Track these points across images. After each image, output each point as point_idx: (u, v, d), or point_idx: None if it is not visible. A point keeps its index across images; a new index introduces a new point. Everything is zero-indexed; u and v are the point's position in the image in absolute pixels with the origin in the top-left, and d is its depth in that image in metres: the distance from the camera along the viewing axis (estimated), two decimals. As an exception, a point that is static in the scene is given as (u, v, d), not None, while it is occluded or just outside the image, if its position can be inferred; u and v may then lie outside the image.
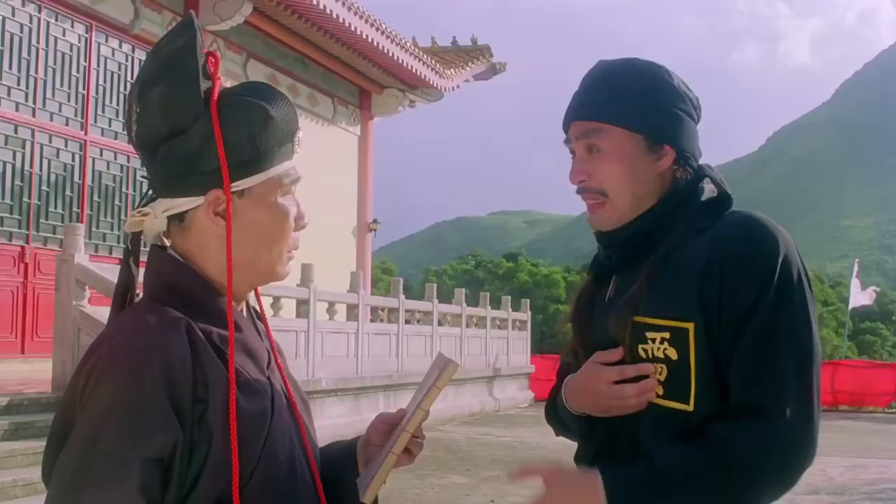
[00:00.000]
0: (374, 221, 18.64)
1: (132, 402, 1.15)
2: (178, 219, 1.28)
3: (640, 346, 1.47)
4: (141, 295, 1.32)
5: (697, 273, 1.43)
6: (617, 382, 1.49)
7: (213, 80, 1.27)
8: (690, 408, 1.42)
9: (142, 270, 1.34)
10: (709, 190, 1.54)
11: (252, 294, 1.39)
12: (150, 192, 1.31)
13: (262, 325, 1.40)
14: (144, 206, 1.30)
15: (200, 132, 1.24)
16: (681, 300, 1.43)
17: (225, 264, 1.26)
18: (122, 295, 1.32)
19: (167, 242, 1.32)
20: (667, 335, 1.44)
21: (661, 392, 1.45)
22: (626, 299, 1.49)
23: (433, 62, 17.42)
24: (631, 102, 1.51)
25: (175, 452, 1.17)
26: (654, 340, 1.45)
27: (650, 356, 1.46)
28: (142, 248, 1.35)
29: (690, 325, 1.41)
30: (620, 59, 1.60)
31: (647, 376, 1.46)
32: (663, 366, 1.45)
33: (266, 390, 1.29)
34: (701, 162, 1.60)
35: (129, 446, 1.14)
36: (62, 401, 1.23)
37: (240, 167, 1.25)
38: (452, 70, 18.37)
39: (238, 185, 1.26)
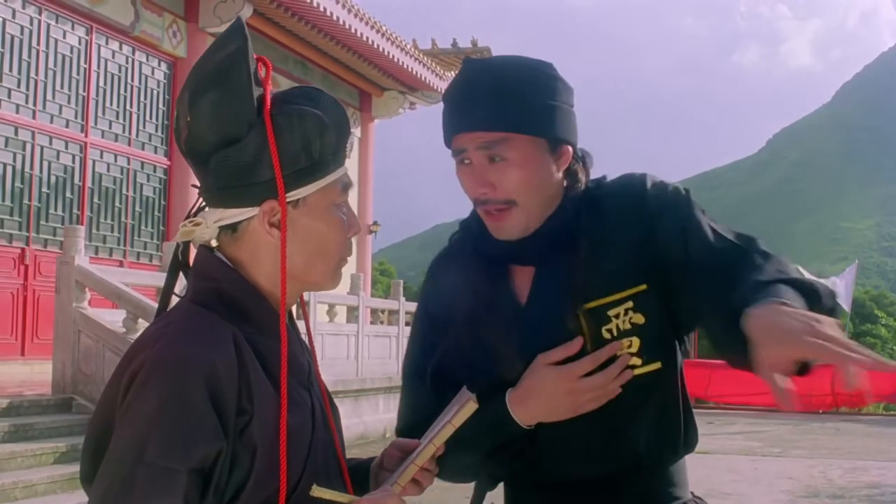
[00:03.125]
0: (374, 223, 18.65)
1: (178, 411, 1.12)
2: (230, 229, 1.25)
3: (604, 328, 1.46)
4: (183, 295, 1.29)
5: (617, 240, 1.48)
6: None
7: (264, 88, 1.24)
8: (660, 365, 1.47)
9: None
10: (580, 169, 1.57)
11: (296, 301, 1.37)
12: (201, 201, 1.28)
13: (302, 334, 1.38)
14: (195, 215, 1.28)
15: (254, 142, 1.21)
16: (624, 269, 1.47)
17: (277, 275, 1.23)
18: (167, 303, 1.31)
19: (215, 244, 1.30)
20: (630, 304, 1.46)
21: (639, 363, 1.46)
22: (572, 292, 1.46)
23: (433, 64, 17.44)
24: (533, 108, 1.46)
25: (217, 463, 1.15)
26: (617, 316, 1.46)
27: (617, 333, 1.46)
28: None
29: (645, 286, 1.46)
30: (511, 61, 1.51)
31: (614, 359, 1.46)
32: (633, 337, 1.46)
33: (307, 403, 1.28)
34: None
35: (175, 458, 1.11)
36: (100, 403, 1.21)
37: (294, 177, 1.22)
38: (453, 72, 18.37)
39: (293, 195, 1.23)
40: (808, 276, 1.56)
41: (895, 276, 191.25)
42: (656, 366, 1.47)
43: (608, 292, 1.46)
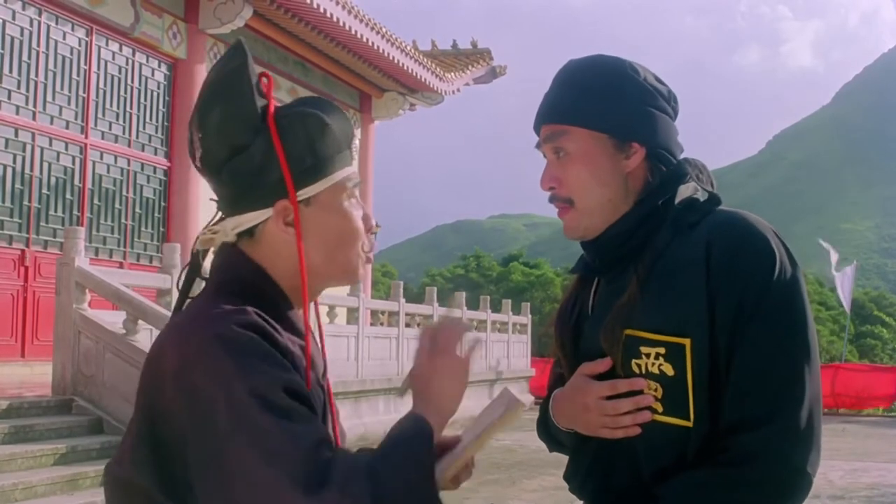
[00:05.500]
0: (375, 224, 18.63)
1: (246, 356, 1.13)
2: (248, 233, 1.29)
3: (634, 361, 1.40)
4: (200, 292, 1.31)
5: (691, 282, 1.37)
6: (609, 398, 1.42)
7: (267, 98, 1.30)
8: (690, 423, 1.37)
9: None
10: (692, 187, 1.48)
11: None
12: (219, 212, 1.33)
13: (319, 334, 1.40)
14: (215, 224, 1.32)
15: (261, 146, 1.26)
16: (676, 313, 1.37)
17: (297, 272, 1.27)
18: (182, 304, 1.33)
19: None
20: (662, 350, 1.37)
21: (660, 409, 1.39)
22: (615, 309, 1.43)
23: (433, 65, 17.43)
24: (594, 101, 1.47)
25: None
26: (648, 356, 1.38)
27: (644, 371, 1.39)
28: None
29: (687, 341, 1.36)
30: (586, 58, 1.54)
31: (639, 392, 1.39)
32: (657, 384, 1.38)
33: (321, 400, 1.30)
34: (688, 158, 1.54)
35: (271, 390, 1.12)
36: (142, 410, 1.20)
37: (303, 176, 1.27)
38: (453, 73, 18.38)
39: (303, 194, 1.28)
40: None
41: (895, 277, 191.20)
42: (685, 422, 1.37)
43: (651, 328, 1.38)
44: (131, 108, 12.28)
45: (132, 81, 12.27)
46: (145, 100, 12.54)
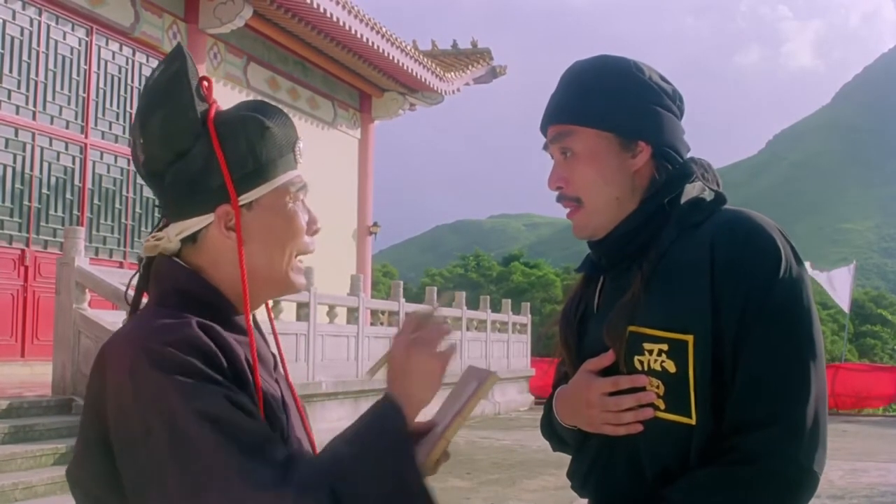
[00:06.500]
0: (375, 224, 18.65)
1: (184, 373, 1.13)
2: (191, 239, 1.29)
3: (637, 357, 1.40)
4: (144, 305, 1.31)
5: (695, 280, 1.37)
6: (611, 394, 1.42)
7: (208, 102, 1.30)
8: (693, 421, 1.36)
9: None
10: (698, 186, 1.48)
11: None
12: (162, 218, 1.33)
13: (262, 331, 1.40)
14: (159, 230, 1.32)
15: (202, 151, 1.26)
16: (679, 310, 1.37)
17: (238, 276, 1.27)
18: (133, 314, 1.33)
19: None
20: (665, 347, 1.37)
21: (662, 406, 1.39)
22: (619, 306, 1.43)
23: (433, 65, 17.43)
24: (600, 101, 1.47)
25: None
26: (651, 352, 1.39)
27: (646, 368, 1.39)
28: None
29: (690, 338, 1.35)
30: (592, 58, 1.55)
31: (641, 389, 1.39)
32: (659, 381, 1.38)
33: (277, 396, 1.30)
34: (694, 157, 1.54)
35: (210, 404, 1.11)
36: (88, 414, 1.21)
37: (244, 180, 1.27)
38: (453, 73, 18.37)
39: (245, 198, 1.28)
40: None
41: (895, 277, 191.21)
42: (687, 420, 1.37)
43: (654, 324, 1.38)
44: (131, 107, 12.27)
45: (132, 81, 12.27)
46: (145, 100, 12.53)
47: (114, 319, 7.96)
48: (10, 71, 10.49)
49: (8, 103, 10.47)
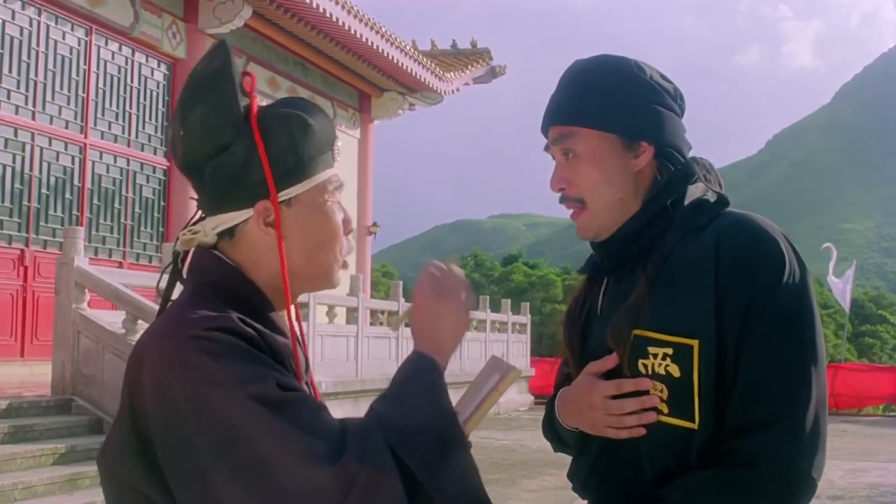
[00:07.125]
0: (374, 224, 18.65)
1: (226, 359, 1.13)
2: (228, 234, 1.29)
3: (641, 361, 1.39)
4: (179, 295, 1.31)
5: (699, 283, 1.37)
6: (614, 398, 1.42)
7: (250, 97, 1.30)
8: (695, 426, 1.36)
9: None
10: (701, 188, 1.48)
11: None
12: (199, 212, 1.33)
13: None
14: (195, 224, 1.31)
15: (244, 146, 1.26)
16: (684, 314, 1.36)
17: (277, 273, 1.27)
18: (164, 307, 1.33)
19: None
20: (669, 351, 1.37)
21: (665, 410, 1.38)
22: (623, 309, 1.42)
23: (433, 65, 17.43)
24: (601, 101, 1.46)
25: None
26: (655, 356, 1.38)
27: (650, 372, 1.39)
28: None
29: (695, 342, 1.35)
30: (592, 58, 1.54)
31: (645, 393, 1.39)
32: (663, 385, 1.38)
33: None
34: (696, 157, 1.54)
35: (260, 386, 1.12)
36: (126, 408, 1.20)
37: (284, 176, 1.27)
38: (452, 73, 18.37)
39: (285, 194, 1.28)
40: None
41: (895, 277, 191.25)
42: (690, 424, 1.36)
43: (659, 328, 1.38)
44: (131, 107, 12.28)
45: (131, 81, 12.27)
46: (145, 99, 12.54)
47: (113, 319, 7.97)
48: (10, 71, 10.48)
49: (7, 103, 10.47)
